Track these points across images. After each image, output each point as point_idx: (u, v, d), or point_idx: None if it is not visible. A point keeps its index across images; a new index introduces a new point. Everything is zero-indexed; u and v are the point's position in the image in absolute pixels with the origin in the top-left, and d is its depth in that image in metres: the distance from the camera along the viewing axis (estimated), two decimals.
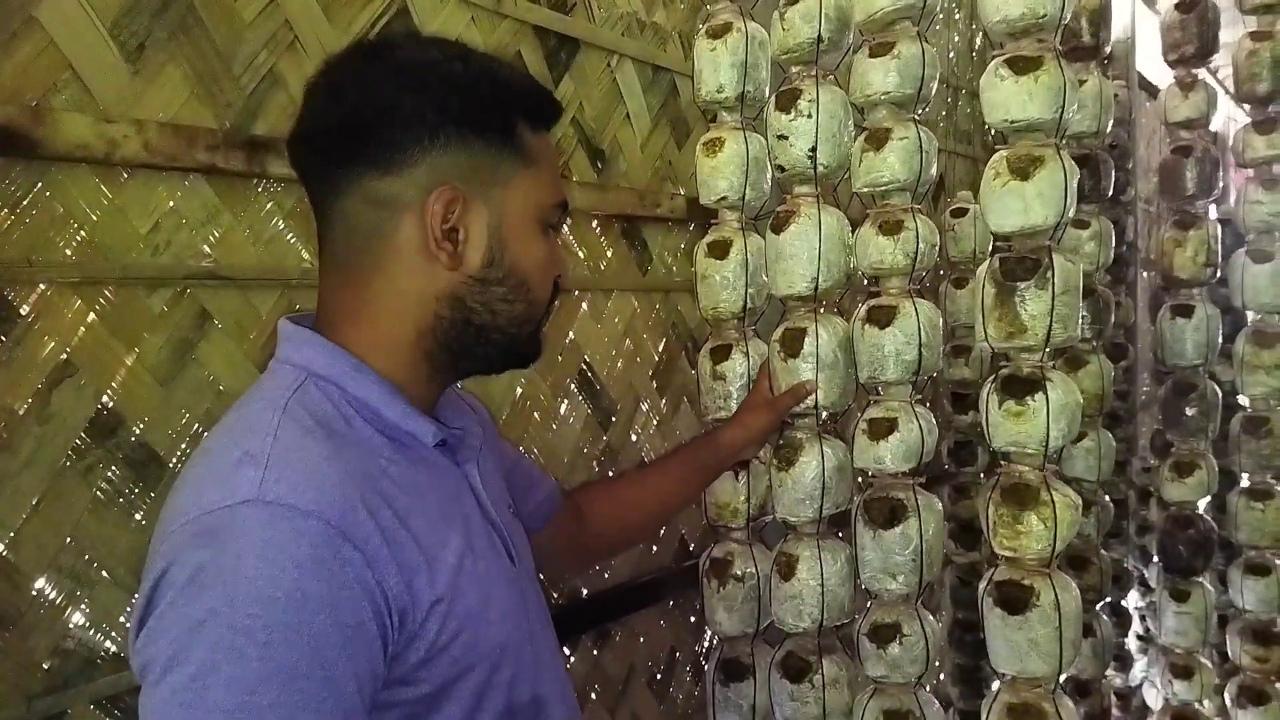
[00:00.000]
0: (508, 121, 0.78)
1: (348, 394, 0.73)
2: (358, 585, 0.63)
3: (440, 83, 0.75)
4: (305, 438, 0.67)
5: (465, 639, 0.71)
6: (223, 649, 0.58)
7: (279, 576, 0.60)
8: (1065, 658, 1.08)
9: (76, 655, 0.96)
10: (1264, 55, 1.82)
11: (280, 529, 0.61)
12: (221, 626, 0.58)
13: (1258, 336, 1.88)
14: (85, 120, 0.94)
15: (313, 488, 0.63)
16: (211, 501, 0.63)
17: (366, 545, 0.64)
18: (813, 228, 1.16)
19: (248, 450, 0.65)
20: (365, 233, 0.75)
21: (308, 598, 0.60)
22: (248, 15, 1.10)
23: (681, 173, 1.77)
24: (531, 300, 0.81)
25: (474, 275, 0.77)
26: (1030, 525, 1.09)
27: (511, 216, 0.78)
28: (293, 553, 0.60)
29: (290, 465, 0.64)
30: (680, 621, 1.81)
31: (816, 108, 1.15)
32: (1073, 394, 1.09)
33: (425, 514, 0.72)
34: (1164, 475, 2.01)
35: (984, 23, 1.10)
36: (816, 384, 1.19)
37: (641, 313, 1.70)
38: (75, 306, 0.97)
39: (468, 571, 0.73)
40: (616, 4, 1.61)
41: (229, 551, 0.60)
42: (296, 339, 0.77)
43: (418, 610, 0.67)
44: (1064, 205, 1.06)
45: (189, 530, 0.62)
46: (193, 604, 0.59)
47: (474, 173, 0.75)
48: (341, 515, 0.63)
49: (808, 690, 1.22)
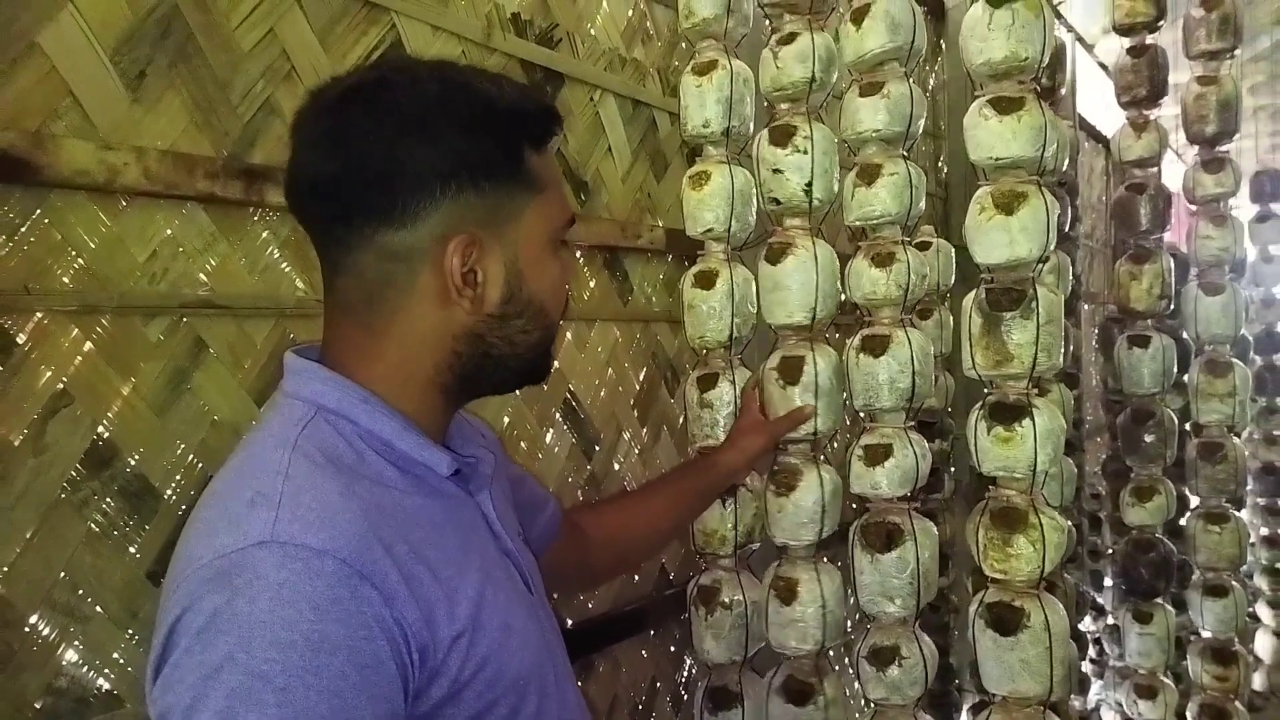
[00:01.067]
0: (516, 153, 0.76)
1: (359, 427, 0.72)
2: (375, 624, 0.62)
3: (447, 128, 0.72)
4: (316, 474, 0.66)
5: (489, 673, 0.70)
6: (240, 695, 0.57)
7: (295, 619, 0.59)
8: (1056, 677, 1.10)
9: (69, 694, 0.94)
10: (1211, 99, 1.92)
11: (295, 570, 0.60)
12: (238, 672, 0.57)
13: (1210, 366, 1.97)
14: (86, 147, 0.93)
15: (327, 526, 0.62)
16: (224, 545, 0.62)
17: (384, 582, 0.63)
18: (810, 260, 1.19)
19: (259, 490, 0.64)
20: (379, 282, 0.74)
21: (325, 640, 0.59)
22: (246, 44, 1.10)
23: (660, 205, 1.80)
24: (548, 324, 0.81)
25: (493, 313, 0.76)
26: (1020, 548, 1.12)
27: (526, 248, 0.77)
28: (308, 594, 0.59)
29: (303, 504, 0.63)
30: (661, 651, 1.81)
31: (812, 144, 1.19)
32: (1057, 420, 1.13)
33: (442, 547, 0.71)
34: (1124, 500, 2.08)
35: (967, 64, 1.15)
36: (816, 410, 1.22)
37: (623, 342, 1.71)
38: (72, 335, 0.95)
39: (488, 603, 0.72)
40: (599, 40, 1.64)
41: (243, 595, 0.59)
42: (304, 373, 0.75)
43: (438, 646, 0.66)
44: (1046, 239, 1.11)
45: (202, 575, 0.61)
46: (209, 650, 0.58)
47: (488, 214, 0.74)
48: (357, 553, 0.62)
49: (812, 712, 1.23)
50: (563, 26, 1.55)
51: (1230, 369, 1.95)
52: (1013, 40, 1.08)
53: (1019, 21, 1.08)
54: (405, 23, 1.28)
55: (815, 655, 1.26)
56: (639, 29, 1.74)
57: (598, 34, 1.64)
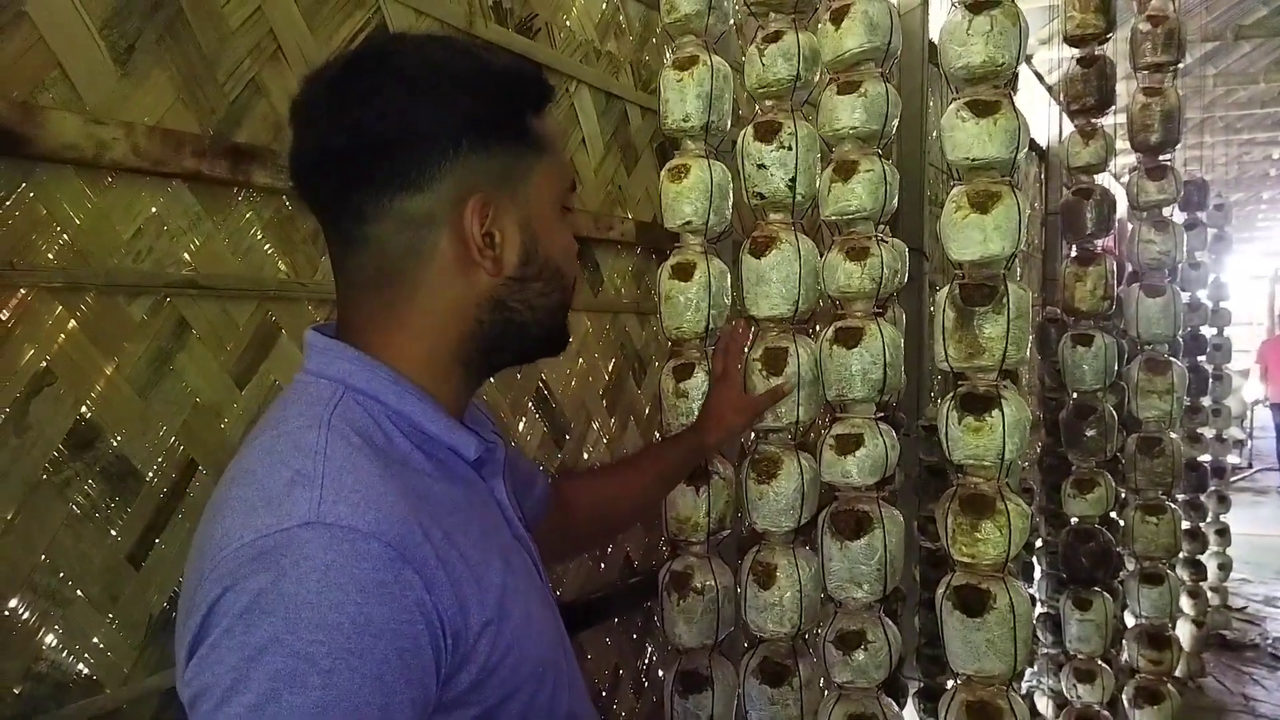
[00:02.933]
0: (520, 115, 0.76)
1: (389, 409, 0.71)
2: (417, 609, 0.61)
3: (453, 89, 0.71)
4: (355, 455, 0.65)
5: (513, 660, 0.70)
6: (284, 677, 0.56)
7: (343, 601, 0.58)
8: (1019, 656, 1.15)
9: (49, 679, 0.92)
10: (1155, 109, 2.01)
11: (342, 552, 0.59)
12: (284, 653, 0.56)
13: (1150, 364, 2.06)
14: (75, 120, 0.91)
15: (372, 508, 0.61)
16: (266, 525, 0.60)
17: (424, 567, 0.62)
18: (793, 254, 1.22)
19: (298, 470, 0.63)
20: (400, 253, 0.73)
21: (370, 623, 0.58)
22: (234, 22, 1.08)
23: (630, 198, 1.82)
24: (565, 286, 0.80)
25: (512, 275, 0.75)
26: (987, 533, 1.16)
27: (538, 208, 0.77)
28: (355, 576, 0.59)
29: (345, 485, 0.62)
30: (624, 638, 1.83)
31: (796, 140, 1.22)
32: (1024, 411, 1.18)
33: (468, 533, 0.70)
34: (1065, 492, 2.16)
35: (945, 68, 1.19)
36: (798, 400, 1.25)
37: (594, 333, 1.73)
38: (56, 313, 0.93)
39: (511, 591, 0.72)
40: (575, 32, 1.65)
41: (290, 576, 0.58)
42: (329, 351, 0.73)
43: (470, 633, 0.66)
44: (1018, 237, 1.15)
45: (245, 554, 0.59)
46: (252, 631, 0.57)
47: (500, 174, 0.74)
48: (401, 537, 0.62)
49: (787, 692, 1.26)
50: (541, 16, 1.56)
51: (1169, 367, 2.05)
52: (991, 46, 1.13)
53: (997, 28, 1.12)
54: (390, 5, 1.27)
55: (791, 638, 1.30)
56: (613, 23, 1.76)
57: (574, 25, 1.65)
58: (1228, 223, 4.55)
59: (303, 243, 1.17)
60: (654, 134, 1.86)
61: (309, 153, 0.73)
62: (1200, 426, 4.05)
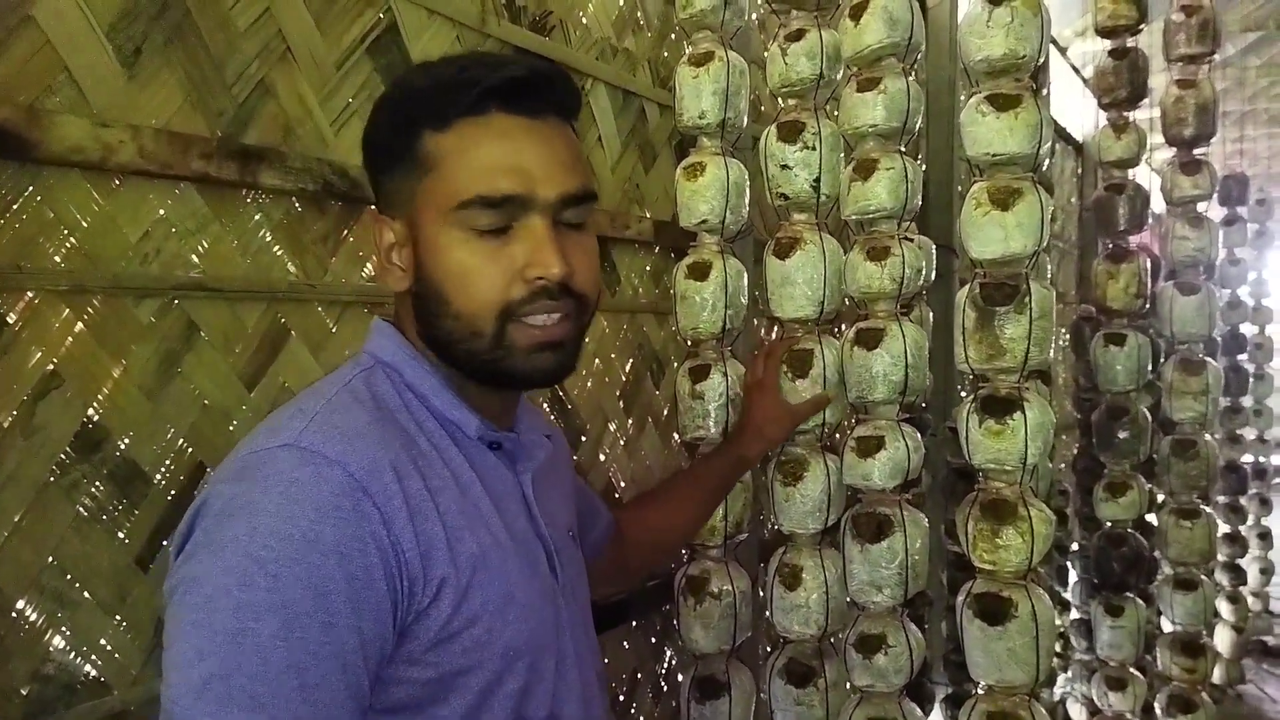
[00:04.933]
0: (406, 134, 0.77)
1: (406, 379, 0.79)
2: (371, 540, 0.65)
3: (372, 115, 0.82)
4: (354, 405, 0.73)
5: (478, 632, 0.72)
6: (235, 573, 0.61)
7: (297, 515, 0.63)
8: (1042, 666, 1.12)
9: (56, 681, 0.92)
10: (1189, 102, 1.95)
11: (306, 472, 0.65)
12: (239, 553, 0.62)
13: (1185, 364, 2.00)
14: (82, 124, 0.91)
15: (344, 441, 0.67)
16: (257, 445, 0.68)
17: (386, 505, 0.67)
18: (818, 255, 1.20)
19: (301, 409, 0.71)
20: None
21: (320, 541, 0.63)
22: (242, 23, 1.08)
23: (648, 196, 1.80)
24: (457, 313, 0.76)
25: (412, 291, 0.80)
26: (1009, 539, 1.13)
27: (421, 229, 0.77)
28: (314, 496, 0.64)
29: (330, 423, 0.69)
30: (642, 642, 1.81)
31: (820, 140, 1.20)
32: (1047, 414, 1.15)
33: (460, 500, 0.74)
34: (1097, 495, 2.11)
35: (965, 61, 1.16)
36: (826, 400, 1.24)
37: (610, 333, 1.71)
38: (64, 315, 0.93)
39: (493, 566, 0.73)
40: (590, 29, 1.64)
41: (259, 486, 0.65)
42: (375, 331, 0.83)
43: (429, 583, 0.69)
44: (1040, 234, 1.12)
45: (233, 467, 0.68)
46: (220, 529, 0.64)
47: (391, 196, 0.81)
48: (366, 471, 0.67)
49: (812, 694, 1.25)
50: (556, 14, 1.54)
51: (1204, 367, 1.99)
52: (1011, 38, 1.10)
53: (1018, 19, 1.09)
54: (402, 5, 1.26)
55: (817, 639, 1.28)
56: (630, 19, 1.74)
57: (589, 23, 1.63)
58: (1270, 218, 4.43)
59: (312, 244, 1.16)
60: (672, 131, 1.84)
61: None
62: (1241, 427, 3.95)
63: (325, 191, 1.15)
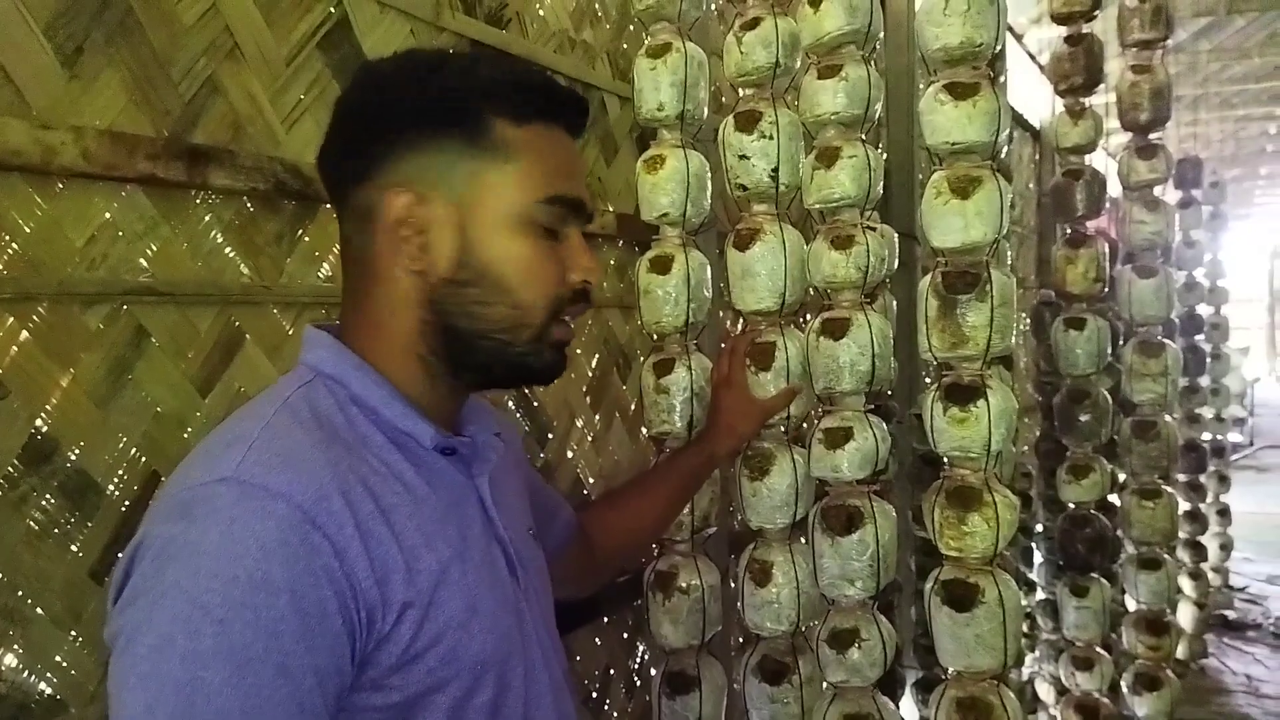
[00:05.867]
0: (475, 115, 0.75)
1: (350, 392, 0.75)
2: (323, 574, 0.62)
3: (404, 84, 0.76)
4: (295, 426, 0.69)
5: (443, 650, 0.70)
6: (180, 621, 0.59)
7: (241, 555, 0.60)
8: (1010, 650, 1.13)
9: (9, 701, 0.89)
10: (1144, 87, 1.97)
11: (248, 508, 0.61)
12: (182, 599, 0.59)
13: (1143, 347, 2.03)
14: (21, 126, 0.88)
15: (288, 471, 0.64)
16: (193, 479, 0.64)
17: (338, 535, 0.64)
18: (778, 246, 1.20)
19: (238, 434, 0.67)
20: (357, 246, 0.78)
21: (268, 580, 0.60)
22: (188, 20, 1.05)
23: (610, 190, 1.79)
24: (516, 304, 0.77)
25: (445, 278, 0.75)
26: (975, 525, 1.14)
27: (482, 214, 0.75)
28: (258, 533, 0.61)
29: (271, 450, 0.65)
30: (614, 638, 1.81)
31: (778, 129, 1.19)
32: (1010, 400, 1.15)
33: (416, 516, 0.71)
34: (1060, 478, 2.13)
35: (923, 49, 1.16)
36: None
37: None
38: (8, 324, 0.90)
39: (453, 581, 0.72)
40: (548, 21, 1.62)
41: (197, 526, 0.61)
42: (311, 341, 0.79)
43: (388, 610, 0.66)
44: (1000, 222, 1.12)
45: (168, 505, 0.64)
46: (159, 575, 0.60)
47: (438, 172, 0.75)
48: (313, 501, 0.63)
49: (787, 690, 1.25)
50: (512, 6, 1.52)
51: (1163, 349, 2.02)
52: (968, 25, 1.10)
53: (974, 7, 1.09)
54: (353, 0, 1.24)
55: (790, 635, 1.28)
56: (587, 11, 1.72)
57: (546, 15, 1.62)
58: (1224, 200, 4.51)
59: (266, 245, 1.14)
60: (633, 124, 1.82)
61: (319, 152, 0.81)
62: (1199, 407, 4.02)
63: (278, 191, 1.12)
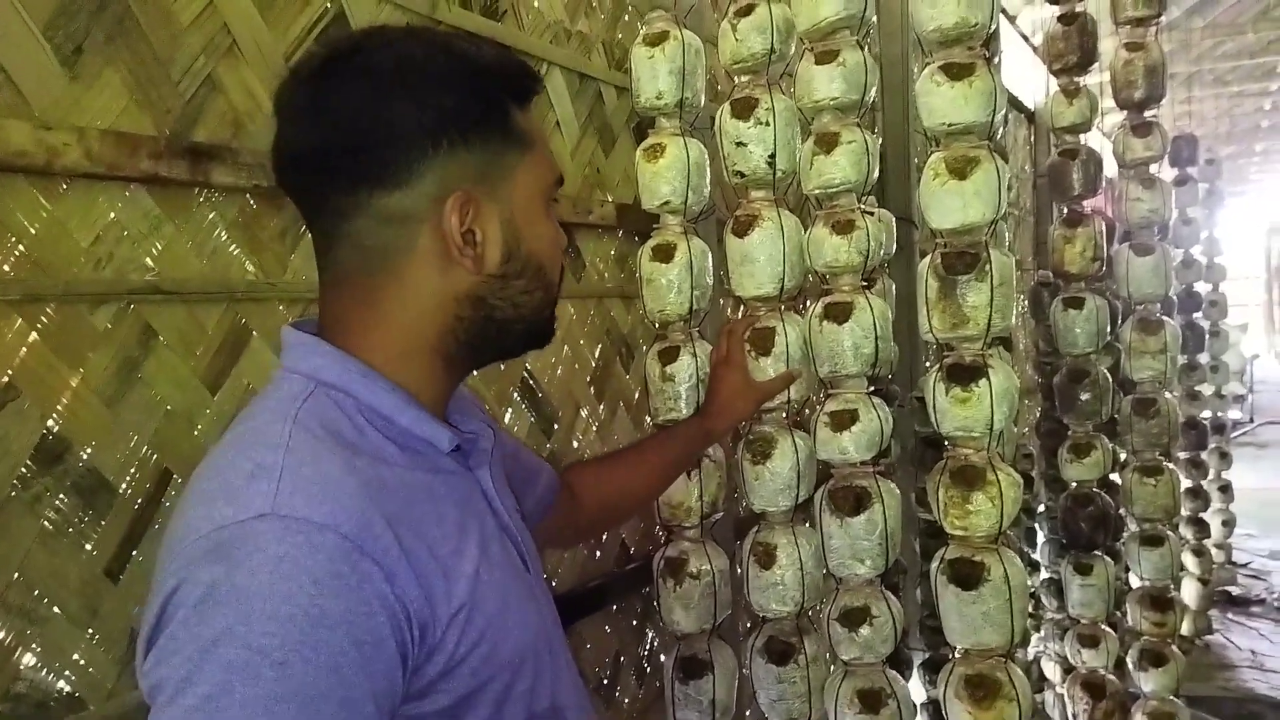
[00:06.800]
0: (502, 111, 0.75)
1: (359, 402, 0.71)
2: (376, 601, 0.61)
3: (432, 85, 0.71)
4: (318, 448, 0.65)
5: (484, 650, 0.70)
6: (237, 668, 0.56)
7: (295, 593, 0.57)
8: (1016, 627, 1.14)
9: (29, 699, 0.90)
10: (1138, 65, 1.97)
11: (296, 543, 0.59)
12: (236, 645, 0.56)
13: (1142, 324, 2.04)
14: (24, 127, 0.89)
15: (328, 500, 0.61)
16: (224, 517, 0.60)
17: (385, 559, 0.62)
18: (776, 232, 1.20)
19: (259, 463, 0.63)
20: (379, 249, 0.73)
21: (325, 615, 0.58)
22: (185, 18, 1.06)
23: (609, 180, 1.79)
24: (548, 283, 0.80)
25: (494, 273, 0.75)
26: (979, 504, 1.15)
27: (521, 206, 0.76)
28: (309, 568, 0.58)
29: (303, 477, 0.62)
30: (624, 625, 1.82)
31: (774, 116, 1.19)
32: (1012, 379, 1.16)
33: (441, 524, 0.70)
34: (1062, 457, 2.14)
35: (918, 31, 1.16)
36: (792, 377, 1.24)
37: (578, 319, 1.70)
38: (16, 326, 0.91)
39: (484, 581, 0.72)
40: (543, 13, 1.62)
41: (243, 568, 0.58)
42: (302, 347, 0.74)
43: (438, 623, 0.66)
44: (998, 202, 1.13)
45: (201, 546, 0.60)
46: (206, 623, 0.57)
47: (481, 171, 0.73)
48: (359, 529, 0.61)
49: (794, 670, 1.26)
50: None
51: (1162, 327, 2.03)
52: (963, 6, 1.10)
53: None
54: None
55: (795, 616, 1.29)
56: (582, 1, 1.72)
57: (542, 6, 1.62)
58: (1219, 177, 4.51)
59: (270, 241, 1.15)
60: (630, 114, 1.83)
61: (288, 150, 0.74)
62: (1199, 384, 4.03)
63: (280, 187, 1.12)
